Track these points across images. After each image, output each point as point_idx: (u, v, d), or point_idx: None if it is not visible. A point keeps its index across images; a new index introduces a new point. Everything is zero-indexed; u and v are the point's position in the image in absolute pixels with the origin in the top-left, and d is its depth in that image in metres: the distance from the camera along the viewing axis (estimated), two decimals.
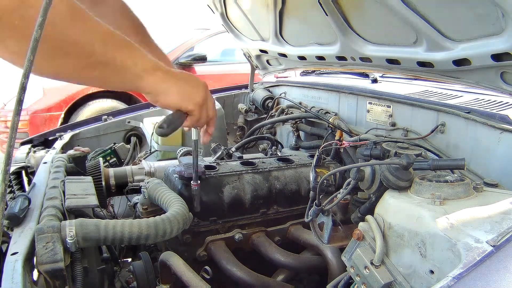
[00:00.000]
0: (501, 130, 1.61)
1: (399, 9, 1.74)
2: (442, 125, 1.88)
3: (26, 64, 0.71)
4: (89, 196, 1.65)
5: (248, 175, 1.85)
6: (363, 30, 2.12)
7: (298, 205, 1.91)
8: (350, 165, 1.49)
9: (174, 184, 1.76)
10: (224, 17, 3.07)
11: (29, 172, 2.22)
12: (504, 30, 1.46)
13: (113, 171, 2.20)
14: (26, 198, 1.52)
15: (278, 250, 1.73)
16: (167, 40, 6.45)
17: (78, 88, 5.04)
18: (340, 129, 2.28)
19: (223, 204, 1.75)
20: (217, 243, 1.73)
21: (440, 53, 1.79)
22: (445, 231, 1.00)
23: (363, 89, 2.44)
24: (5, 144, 5.10)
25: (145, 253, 1.68)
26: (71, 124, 3.10)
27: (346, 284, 1.31)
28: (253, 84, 3.50)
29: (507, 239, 0.93)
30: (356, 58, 2.29)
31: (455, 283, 0.83)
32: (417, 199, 1.15)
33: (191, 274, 1.43)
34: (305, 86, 2.99)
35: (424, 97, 2.12)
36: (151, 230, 1.36)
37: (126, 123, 3.09)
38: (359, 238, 1.19)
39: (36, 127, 4.81)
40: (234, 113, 3.55)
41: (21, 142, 2.76)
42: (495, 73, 1.65)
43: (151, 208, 1.76)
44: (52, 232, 1.24)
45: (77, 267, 1.33)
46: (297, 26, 2.57)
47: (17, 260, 1.17)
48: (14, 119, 0.74)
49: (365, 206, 1.47)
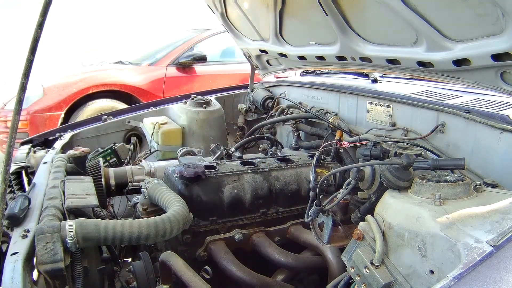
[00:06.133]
0: (501, 130, 1.61)
1: (399, 9, 1.74)
2: (442, 125, 1.88)
3: (26, 64, 0.71)
4: (89, 196, 1.65)
5: (248, 175, 1.85)
6: (363, 30, 2.12)
7: (298, 205, 1.91)
8: (350, 165, 1.49)
9: (174, 184, 1.76)
10: (224, 17, 3.06)
11: (29, 172, 2.22)
12: (504, 30, 1.46)
13: (113, 171, 2.20)
14: (26, 198, 1.52)
15: (278, 250, 1.73)
16: (167, 40, 6.45)
17: (78, 88, 5.03)
18: (340, 129, 2.28)
19: (223, 204, 1.75)
20: (217, 243, 1.73)
21: (440, 53, 1.79)
22: (445, 231, 1.00)
23: (363, 89, 2.44)
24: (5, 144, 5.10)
25: (145, 253, 1.67)
26: (71, 124, 3.10)
27: (346, 284, 1.31)
28: (253, 84, 3.50)
29: (507, 239, 0.93)
30: (356, 58, 2.29)
31: (455, 283, 0.83)
32: (417, 199, 1.15)
33: (191, 274, 1.43)
34: (305, 86, 2.99)
35: (424, 97, 2.11)
36: (151, 230, 1.36)
37: (126, 123, 3.09)
38: (359, 238, 1.19)
39: (36, 127, 4.79)
40: (234, 113, 3.55)
41: (21, 142, 2.76)
42: (495, 73, 1.65)
43: (151, 208, 1.76)
44: (52, 232, 1.24)
45: (77, 267, 1.33)
46: (297, 26, 2.57)
47: (17, 260, 1.17)
48: (14, 119, 0.74)
49: (365, 206, 1.47)
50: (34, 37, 0.71)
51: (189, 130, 2.85)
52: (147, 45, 7.02)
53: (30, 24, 4.85)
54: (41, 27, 0.71)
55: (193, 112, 2.86)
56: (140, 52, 6.56)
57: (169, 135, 2.78)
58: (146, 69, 5.73)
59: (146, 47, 6.76)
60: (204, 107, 2.88)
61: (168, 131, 2.79)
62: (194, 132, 2.85)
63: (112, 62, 6.23)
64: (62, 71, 5.96)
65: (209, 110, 2.89)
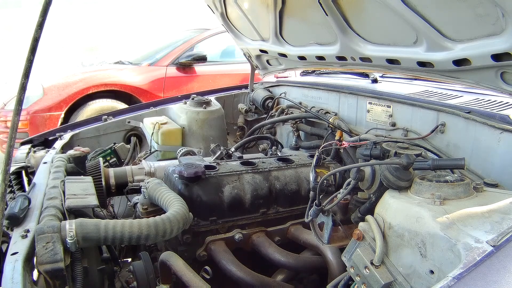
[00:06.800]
0: (501, 130, 1.61)
1: (399, 9, 1.74)
2: (442, 125, 1.88)
3: (26, 64, 0.71)
4: (89, 196, 1.65)
5: (248, 175, 1.85)
6: (363, 30, 2.12)
7: (298, 205, 1.91)
8: (350, 165, 1.49)
9: (174, 184, 1.76)
10: (224, 17, 3.06)
11: (29, 172, 2.22)
12: (504, 30, 1.46)
13: (113, 171, 2.20)
14: (26, 198, 1.52)
15: (278, 250, 1.73)
16: (167, 40, 6.45)
17: (78, 88, 5.03)
18: (340, 129, 2.28)
19: (223, 204, 1.75)
20: (217, 243, 1.73)
21: (440, 53, 1.79)
22: (445, 231, 1.00)
23: (363, 89, 2.44)
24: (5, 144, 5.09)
25: (145, 253, 1.68)
26: (71, 124, 3.10)
27: (346, 284, 1.31)
28: (253, 84, 3.50)
29: (507, 239, 0.93)
30: (356, 58, 2.29)
31: (455, 283, 0.83)
32: (417, 199, 1.15)
33: (191, 274, 1.43)
34: (305, 86, 2.99)
35: (424, 97, 2.11)
36: (151, 230, 1.36)
37: (126, 123, 3.09)
38: (359, 238, 1.19)
39: (36, 127, 4.79)
40: (234, 113, 3.55)
41: (21, 142, 2.76)
42: (495, 73, 1.65)
43: (151, 208, 1.76)
44: (52, 232, 1.24)
45: (77, 267, 1.33)
46: (297, 26, 2.57)
47: (17, 260, 1.17)
48: (14, 119, 0.74)
49: (365, 206, 1.47)
50: (34, 37, 0.71)
51: (189, 130, 2.85)
52: (147, 45, 7.02)
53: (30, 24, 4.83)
54: (41, 27, 0.71)
55: (193, 112, 2.86)
56: (140, 52, 6.56)
57: (169, 135, 2.78)
58: (146, 69, 5.73)
59: (146, 47, 6.76)
60: (204, 107, 2.88)
61: (168, 131, 2.79)
62: (194, 132, 2.85)
63: (112, 62, 6.23)
64: (62, 71, 5.96)
65: (209, 110, 2.89)
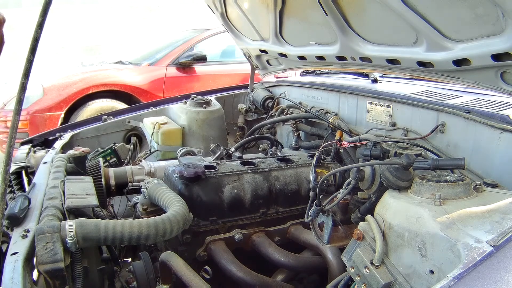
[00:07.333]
0: (501, 130, 1.61)
1: (399, 9, 1.74)
2: (442, 125, 1.88)
3: (26, 64, 0.71)
4: (89, 196, 1.65)
5: (248, 175, 1.85)
6: (363, 30, 2.12)
7: (298, 205, 1.91)
8: (350, 165, 1.49)
9: (174, 184, 1.76)
10: (224, 17, 3.06)
11: (29, 172, 2.22)
12: (504, 30, 1.46)
13: (113, 171, 2.20)
14: (26, 198, 1.52)
15: (278, 250, 1.73)
16: (167, 40, 6.45)
17: (78, 88, 5.04)
18: (340, 129, 2.28)
19: (223, 204, 1.75)
20: (217, 243, 1.73)
21: (440, 53, 1.79)
22: (445, 231, 1.00)
23: (363, 89, 2.44)
24: (5, 144, 5.09)
25: (145, 253, 1.68)
26: (71, 124, 3.10)
27: (346, 284, 1.31)
28: (253, 84, 3.50)
29: (507, 239, 0.93)
30: (356, 58, 2.29)
31: (455, 283, 0.83)
32: (417, 199, 1.15)
33: (191, 274, 1.43)
34: (305, 86, 2.99)
35: (424, 97, 2.11)
36: (151, 230, 1.36)
37: (126, 123, 3.09)
38: (359, 238, 1.19)
39: (36, 127, 4.79)
40: (234, 113, 3.55)
41: (21, 142, 2.76)
42: (495, 73, 1.65)
43: (151, 208, 1.76)
44: (52, 232, 1.24)
45: (77, 267, 1.33)
46: (297, 26, 2.57)
47: (17, 260, 1.17)
48: (14, 119, 0.74)
49: (365, 206, 1.47)
50: (34, 37, 0.71)
51: (189, 130, 2.85)
52: (147, 45, 7.02)
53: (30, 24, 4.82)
54: (41, 27, 0.71)
55: (193, 112, 2.86)
56: (140, 52, 6.56)
57: (169, 135, 2.78)
58: (146, 69, 5.73)
59: (146, 47, 6.76)
60: (204, 107, 2.88)
61: (168, 131, 2.79)
62: (194, 132, 2.85)
63: (112, 62, 6.23)
64: (62, 71, 5.95)
65: (209, 110, 2.89)
